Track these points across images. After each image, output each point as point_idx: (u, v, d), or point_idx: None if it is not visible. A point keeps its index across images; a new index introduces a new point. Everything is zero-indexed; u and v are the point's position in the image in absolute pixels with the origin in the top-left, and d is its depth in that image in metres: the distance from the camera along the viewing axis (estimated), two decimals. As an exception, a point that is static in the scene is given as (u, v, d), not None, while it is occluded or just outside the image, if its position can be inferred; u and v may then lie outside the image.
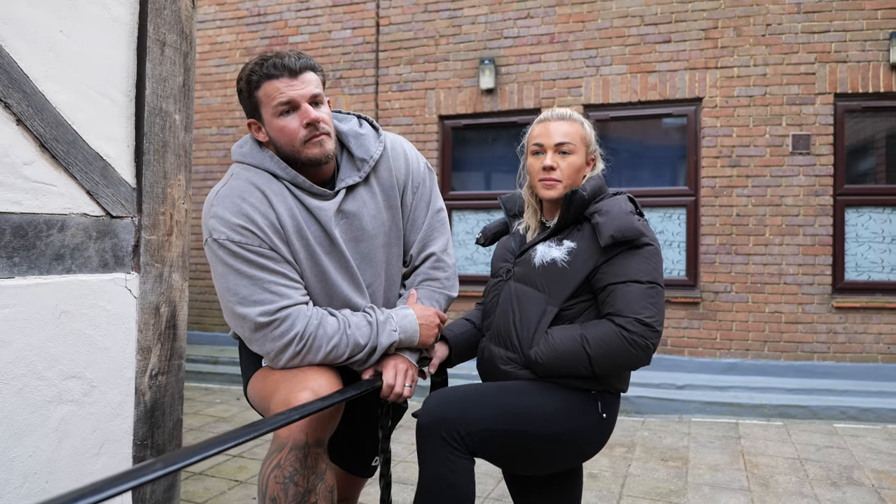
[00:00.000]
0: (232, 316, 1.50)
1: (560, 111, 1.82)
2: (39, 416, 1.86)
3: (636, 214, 1.70)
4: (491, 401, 1.61)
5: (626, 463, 3.69)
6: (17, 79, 1.80)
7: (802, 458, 3.76)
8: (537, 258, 1.72)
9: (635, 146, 5.55)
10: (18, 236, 1.81)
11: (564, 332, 1.63)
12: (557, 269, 1.68)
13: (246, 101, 1.57)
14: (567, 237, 1.73)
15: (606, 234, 1.61)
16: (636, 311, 1.58)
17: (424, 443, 1.57)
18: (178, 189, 2.30)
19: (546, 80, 5.49)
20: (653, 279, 1.63)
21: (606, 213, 1.65)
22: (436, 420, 1.56)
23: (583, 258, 1.67)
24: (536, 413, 1.61)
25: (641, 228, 1.64)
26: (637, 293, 1.60)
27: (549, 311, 1.67)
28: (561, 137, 1.75)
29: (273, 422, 1.15)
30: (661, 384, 4.96)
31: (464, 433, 1.54)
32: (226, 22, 6.48)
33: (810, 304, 4.91)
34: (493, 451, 1.62)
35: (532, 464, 1.70)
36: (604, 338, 1.58)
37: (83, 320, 1.98)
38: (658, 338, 1.60)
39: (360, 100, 6.01)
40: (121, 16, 2.11)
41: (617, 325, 1.58)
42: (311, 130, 1.53)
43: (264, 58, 1.53)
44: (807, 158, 4.93)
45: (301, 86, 1.52)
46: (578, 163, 1.77)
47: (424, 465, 1.57)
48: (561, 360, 1.61)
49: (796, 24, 4.95)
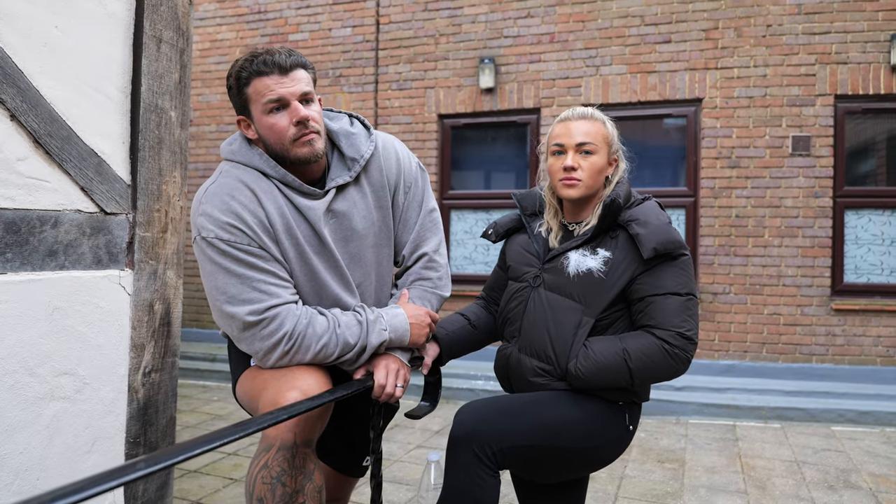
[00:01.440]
0: (220, 315, 1.49)
1: (581, 110, 1.77)
2: (31, 413, 1.85)
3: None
4: (524, 416, 1.60)
5: (623, 464, 3.68)
6: (12, 74, 1.79)
7: (800, 460, 3.75)
8: (572, 267, 1.68)
9: (635, 146, 5.49)
10: (11, 232, 1.81)
11: (605, 346, 1.62)
12: (594, 280, 1.65)
13: (235, 97, 1.56)
14: (600, 245, 1.69)
15: (649, 247, 1.59)
16: (677, 325, 1.58)
17: (456, 454, 1.56)
18: (173, 186, 2.29)
19: (546, 80, 5.48)
20: (690, 290, 1.63)
21: (645, 223, 1.63)
22: (469, 433, 1.55)
23: (620, 269, 1.64)
24: (567, 427, 1.60)
25: (681, 240, 1.64)
26: (676, 306, 1.59)
27: (585, 322, 1.65)
28: (582, 137, 1.71)
29: (260, 421, 1.14)
30: (659, 385, 4.95)
31: (496, 448, 1.53)
32: (226, 19, 6.47)
33: (809, 307, 4.90)
34: (522, 463, 1.62)
35: (554, 473, 1.70)
36: (646, 352, 1.58)
37: (76, 317, 1.97)
38: (695, 348, 1.61)
39: (359, 98, 6.00)
40: (117, 11, 2.10)
41: (658, 339, 1.58)
42: (301, 129, 1.51)
43: (255, 54, 1.51)
44: (807, 160, 4.92)
45: (291, 83, 1.50)
46: (600, 163, 1.73)
47: (452, 477, 1.55)
48: (602, 374, 1.60)
49: (797, 25, 4.94)
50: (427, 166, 5.79)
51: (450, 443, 1.58)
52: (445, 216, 5.83)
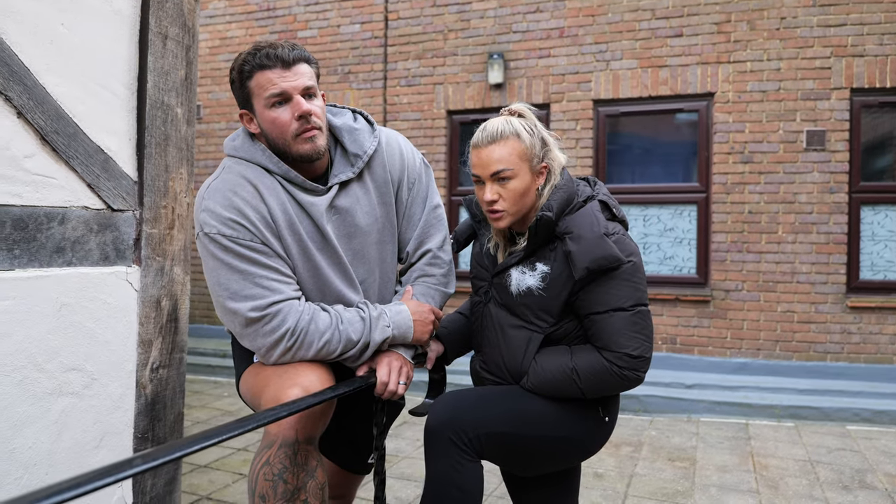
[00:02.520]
0: (223, 311, 1.49)
1: (490, 130, 1.61)
2: (39, 408, 1.86)
3: (611, 223, 1.60)
4: (499, 403, 1.61)
5: (633, 462, 3.65)
6: (18, 72, 1.80)
7: (813, 460, 3.71)
8: (513, 286, 1.63)
9: (645, 142, 5.49)
10: (19, 229, 1.82)
11: (553, 362, 1.60)
12: (535, 298, 1.60)
13: (238, 91, 1.56)
14: (539, 259, 1.62)
15: (580, 267, 1.51)
16: (622, 345, 1.53)
17: (432, 444, 1.56)
18: (179, 182, 2.29)
19: (555, 75, 5.44)
20: (636, 301, 1.55)
21: (578, 237, 1.54)
22: (445, 422, 1.55)
23: (559, 284, 1.58)
24: (541, 416, 1.60)
25: (617, 254, 1.51)
26: (621, 324, 1.53)
27: (534, 338, 1.63)
28: (496, 165, 1.57)
29: (261, 417, 1.13)
30: (671, 383, 4.91)
31: (472, 435, 1.53)
32: (235, 17, 6.48)
33: (824, 304, 4.83)
34: (500, 452, 1.61)
35: (536, 465, 1.69)
36: (594, 372, 1.56)
37: (84, 313, 1.98)
38: (647, 364, 1.58)
39: (368, 95, 5.99)
40: (122, 8, 2.10)
41: (607, 361, 1.55)
42: (303, 123, 1.50)
43: (258, 48, 1.50)
44: (821, 155, 4.85)
45: (294, 77, 1.49)
46: (522, 186, 1.59)
47: (432, 467, 1.55)
48: (552, 389, 1.60)
49: (811, 17, 4.86)
50: (436, 162, 5.78)
51: (426, 433, 1.58)
52: (454, 212, 5.82)
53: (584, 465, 3.54)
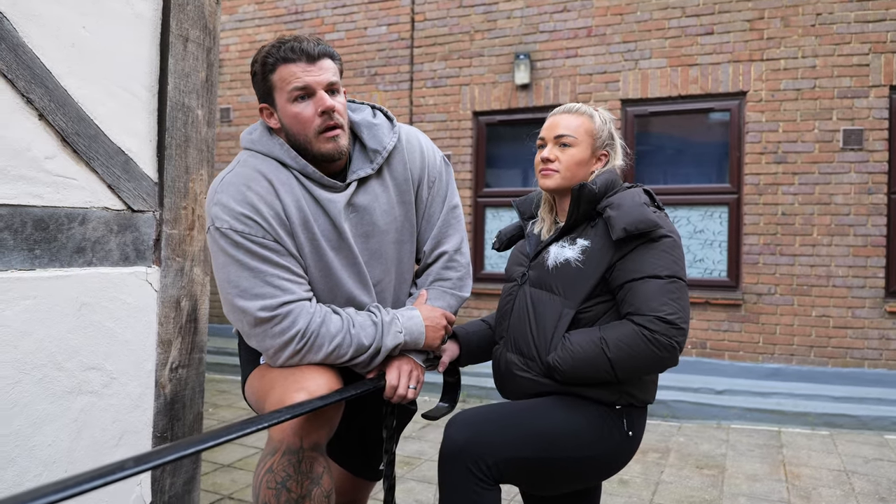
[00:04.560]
0: (231, 309, 1.46)
1: (570, 105, 1.75)
2: (59, 407, 1.89)
3: (653, 207, 1.61)
4: (516, 425, 1.53)
5: (659, 469, 3.57)
6: (40, 74, 1.83)
7: (849, 470, 3.57)
8: (551, 259, 1.64)
9: (675, 142, 5.38)
10: (40, 229, 1.84)
11: (583, 336, 1.55)
12: (572, 270, 1.60)
13: (259, 84, 1.52)
14: (580, 235, 1.65)
15: (619, 228, 1.52)
16: (655, 309, 1.48)
17: (448, 473, 1.50)
18: (199, 184, 2.31)
19: (582, 75, 5.37)
20: (673, 273, 1.53)
21: (618, 206, 1.57)
22: (460, 449, 1.48)
23: (597, 256, 1.58)
24: (564, 436, 1.53)
25: (656, 219, 1.54)
26: (656, 289, 1.50)
27: (565, 314, 1.59)
28: (562, 130, 1.70)
29: (261, 421, 1.11)
30: (700, 388, 4.80)
31: (490, 462, 1.47)
32: (264, 20, 6.56)
33: (861, 309, 4.66)
34: (519, 476, 1.56)
35: (557, 485, 1.63)
36: (624, 339, 1.48)
37: (103, 313, 2.00)
38: (684, 336, 1.49)
39: (394, 96, 6.00)
40: (144, 11, 2.12)
41: (637, 325, 1.48)
42: (326, 119, 1.46)
43: (282, 41, 1.47)
44: (859, 154, 4.68)
45: (318, 72, 1.46)
46: (580, 156, 1.69)
47: (449, 497, 1.50)
48: (581, 366, 1.53)
49: (849, 12, 4.70)
50: (462, 164, 5.75)
51: (441, 459, 1.52)
52: (480, 214, 5.78)
53: (608, 472, 3.47)
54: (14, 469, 1.78)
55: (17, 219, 1.78)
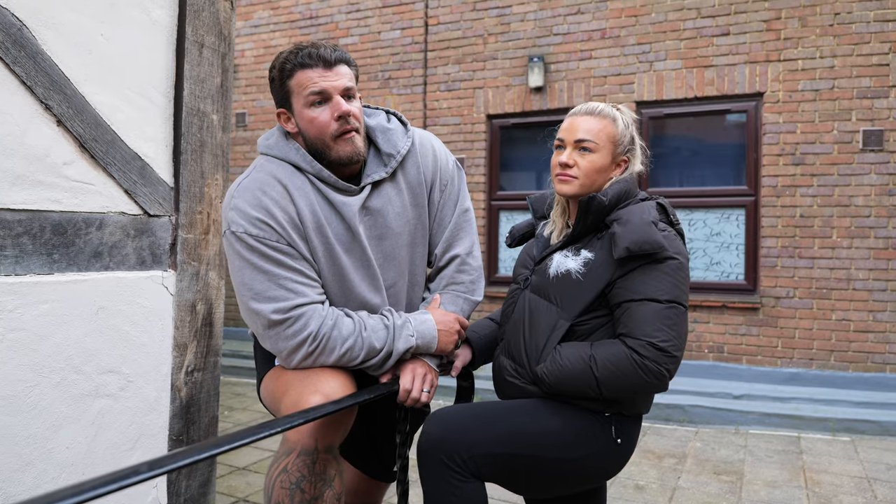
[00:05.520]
0: (246, 311, 1.49)
1: (591, 105, 1.68)
2: (77, 409, 1.91)
3: (663, 223, 1.57)
4: (495, 422, 1.52)
5: (676, 475, 3.53)
6: (58, 81, 1.86)
7: (871, 477, 3.51)
8: (552, 268, 1.61)
9: (691, 144, 5.33)
10: (58, 234, 1.87)
11: (573, 351, 1.53)
12: (571, 282, 1.57)
13: (277, 89, 1.55)
14: (585, 246, 1.61)
15: (621, 246, 1.48)
16: (649, 334, 1.45)
17: (425, 467, 1.49)
18: (215, 188, 2.32)
19: (597, 77, 5.34)
20: (673, 297, 1.49)
21: (626, 222, 1.52)
22: (435, 443, 1.48)
23: (599, 271, 1.55)
24: (543, 436, 1.51)
25: (662, 241, 1.49)
26: (653, 313, 1.47)
27: (560, 325, 1.57)
28: (582, 134, 1.62)
29: (279, 424, 1.12)
30: (717, 393, 4.74)
31: (466, 456, 1.46)
32: (279, 26, 6.60)
33: (882, 312, 4.59)
34: (499, 474, 1.53)
35: (539, 487, 1.60)
36: (613, 360, 1.47)
37: (120, 316, 2.02)
38: (675, 363, 1.47)
39: (408, 100, 6.01)
40: (160, 18, 2.15)
41: (628, 348, 1.46)
42: (343, 124, 1.49)
43: (299, 47, 1.50)
44: (879, 155, 4.61)
45: (335, 77, 1.49)
46: (600, 163, 1.63)
47: (427, 491, 1.49)
48: (568, 380, 1.51)
49: (868, 11, 4.64)
50: (476, 167, 5.75)
51: (417, 453, 1.51)
52: (494, 217, 5.77)
53: (623, 477, 3.43)
54: (32, 471, 1.80)
55: (36, 224, 1.81)
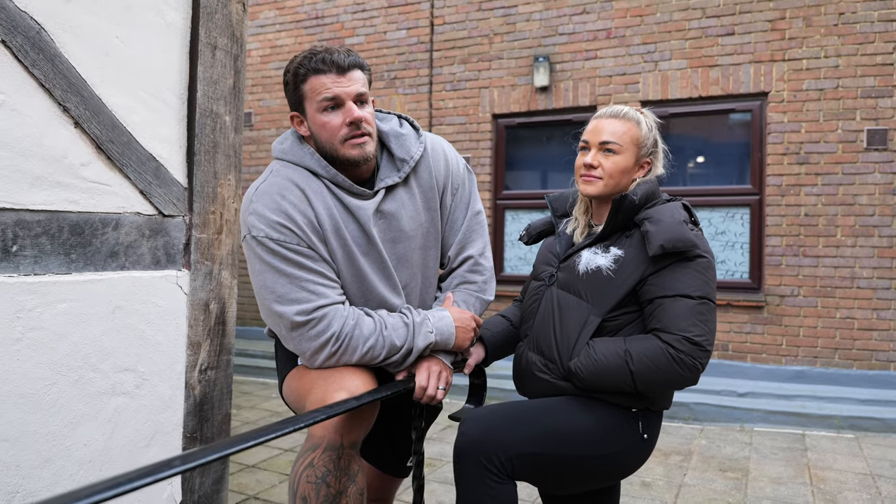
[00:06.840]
0: (269, 314, 1.51)
1: (616, 108, 1.72)
2: (94, 407, 1.94)
3: (690, 224, 1.61)
4: (530, 422, 1.56)
5: (682, 472, 3.56)
6: (75, 83, 1.88)
7: (875, 474, 3.53)
8: (582, 265, 1.65)
9: (696, 143, 5.35)
10: (75, 234, 1.89)
11: (607, 346, 1.57)
12: (602, 278, 1.60)
13: (291, 93, 1.58)
14: (614, 244, 1.65)
15: (656, 244, 1.52)
16: (684, 329, 1.49)
17: (463, 467, 1.52)
18: (228, 188, 2.35)
19: (602, 77, 5.36)
20: (704, 294, 1.54)
21: (657, 220, 1.56)
22: (474, 444, 1.51)
23: (630, 267, 1.59)
24: (576, 434, 1.55)
25: (694, 240, 1.54)
26: (686, 309, 1.51)
27: (591, 321, 1.60)
28: (607, 136, 1.67)
29: (307, 419, 1.15)
30: (722, 391, 4.76)
31: (504, 458, 1.49)
32: (285, 25, 6.63)
33: (886, 310, 4.60)
34: (533, 473, 1.57)
35: (569, 483, 1.64)
36: (649, 355, 1.51)
37: (136, 315, 2.05)
38: (708, 357, 1.52)
39: (413, 100, 6.03)
40: (174, 21, 2.17)
41: (664, 343, 1.50)
42: (353, 129, 1.51)
43: (313, 52, 1.52)
44: (883, 155, 4.62)
45: (347, 83, 1.51)
46: (624, 164, 1.67)
47: (463, 491, 1.52)
48: (603, 375, 1.55)
49: (872, 11, 4.65)
50: (481, 167, 5.77)
51: (455, 455, 1.54)
52: (500, 217, 5.79)
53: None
54: (51, 468, 1.83)
55: (54, 224, 1.83)
